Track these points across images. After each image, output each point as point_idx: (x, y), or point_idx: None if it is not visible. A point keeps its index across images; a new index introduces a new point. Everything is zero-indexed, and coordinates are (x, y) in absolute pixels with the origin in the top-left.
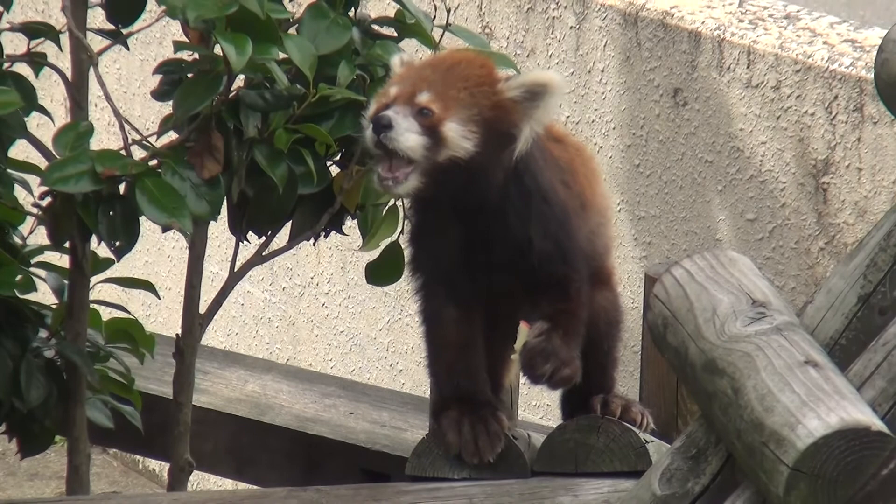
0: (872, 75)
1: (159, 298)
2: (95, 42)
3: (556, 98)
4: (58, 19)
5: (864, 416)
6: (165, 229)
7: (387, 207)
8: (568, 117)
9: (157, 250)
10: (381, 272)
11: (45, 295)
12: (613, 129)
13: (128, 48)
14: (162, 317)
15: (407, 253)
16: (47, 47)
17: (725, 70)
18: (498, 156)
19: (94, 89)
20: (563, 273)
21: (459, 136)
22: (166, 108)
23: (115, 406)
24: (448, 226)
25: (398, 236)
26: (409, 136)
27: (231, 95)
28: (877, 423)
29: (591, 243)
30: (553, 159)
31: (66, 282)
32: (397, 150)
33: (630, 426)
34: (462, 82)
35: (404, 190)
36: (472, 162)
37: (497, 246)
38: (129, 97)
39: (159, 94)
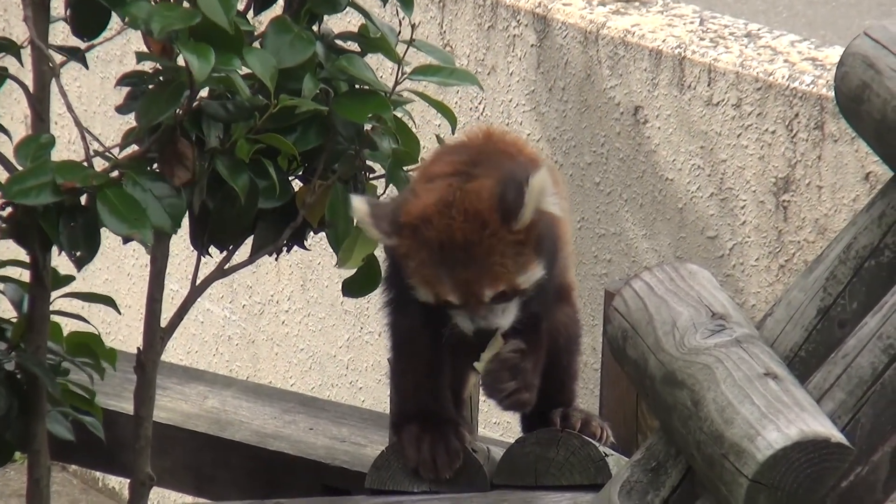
0: (833, 92)
1: (120, 313)
2: (56, 58)
3: (549, 189)
4: (18, 36)
5: (824, 428)
6: (126, 241)
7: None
8: (529, 135)
9: (118, 268)
10: (356, 284)
11: (5, 311)
12: (574, 146)
13: (86, 66)
14: (122, 334)
15: (383, 266)
16: (7, 63)
17: (686, 88)
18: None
19: (54, 107)
20: (541, 307)
21: (534, 278)
22: (126, 125)
23: (76, 418)
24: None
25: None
26: (509, 318)
27: (193, 106)
28: (836, 435)
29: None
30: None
31: (25, 294)
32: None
33: (590, 439)
34: (492, 253)
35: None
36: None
37: None
38: (89, 115)
39: (123, 109)
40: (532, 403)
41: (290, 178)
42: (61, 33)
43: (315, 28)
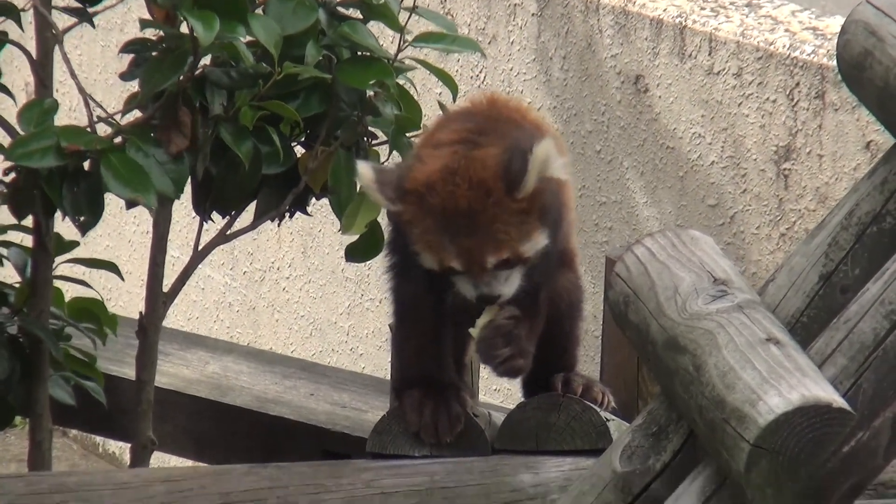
0: (834, 62)
1: (122, 279)
2: (59, 22)
3: (556, 158)
4: (18, 2)
5: (826, 393)
6: (130, 205)
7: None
8: (530, 103)
9: (119, 234)
10: (359, 249)
11: (8, 276)
12: (575, 115)
13: (93, 25)
14: (123, 300)
15: (387, 231)
16: (9, 28)
17: (687, 57)
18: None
19: (55, 75)
20: (544, 275)
21: (537, 246)
22: (127, 92)
23: (77, 382)
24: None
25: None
26: (513, 286)
27: (197, 73)
28: (838, 400)
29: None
30: None
31: (29, 259)
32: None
33: (591, 405)
34: (496, 221)
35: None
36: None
37: None
38: (90, 83)
39: (127, 76)
40: (527, 370)
41: (292, 145)
42: (61, 1)
43: None
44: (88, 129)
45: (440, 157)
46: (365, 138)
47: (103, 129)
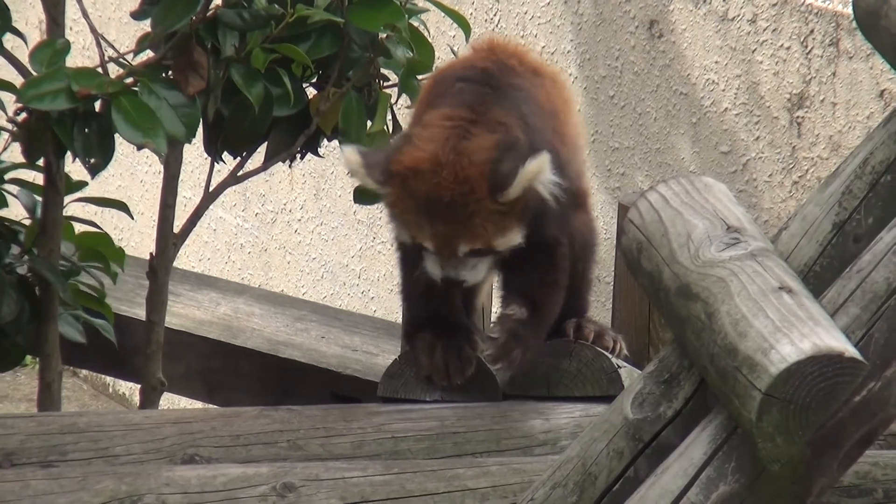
0: (849, 9)
1: (132, 218)
2: None
3: (548, 175)
4: None
5: (838, 342)
6: (139, 149)
7: (373, 130)
8: (543, 47)
9: (130, 175)
10: (368, 191)
11: (19, 215)
12: (588, 59)
13: None
14: (134, 241)
15: None
16: None
17: (702, 2)
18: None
19: (69, 13)
20: (553, 237)
21: (512, 242)
22: (140, 32)
23: (87, 320)
24: None
25: None
26: (479, 274)
27: (209, 14)
28: (850, 350)
29: (565, 173)
30: (542, 114)
31: (38, 199)
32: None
33: (603, 351)
34: (473, 216)
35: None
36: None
37: None
38: (103, 21)
39: (138, 14)
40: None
41: (304, 86)
42: None
43: None
44: (100, 70)
45: (431, 143)
46: (376, 80)
47: (115, 70)
